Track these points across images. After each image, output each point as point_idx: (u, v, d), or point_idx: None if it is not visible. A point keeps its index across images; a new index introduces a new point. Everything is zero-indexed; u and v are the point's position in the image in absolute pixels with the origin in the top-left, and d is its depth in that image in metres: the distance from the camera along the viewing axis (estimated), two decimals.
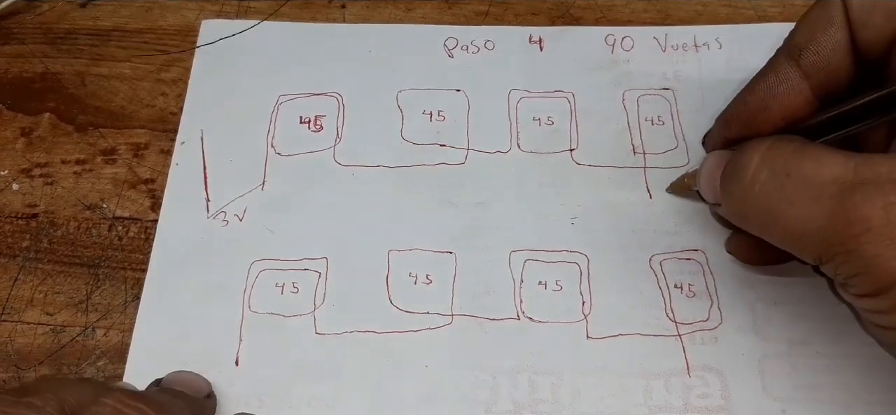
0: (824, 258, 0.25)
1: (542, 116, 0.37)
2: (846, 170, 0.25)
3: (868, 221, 0.24)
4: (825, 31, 0.28)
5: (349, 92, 0.38)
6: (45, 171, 0.36)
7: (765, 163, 0.27)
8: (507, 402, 0.30)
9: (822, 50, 0.28)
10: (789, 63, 0.28)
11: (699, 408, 0.30)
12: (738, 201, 0.28)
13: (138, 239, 0.34)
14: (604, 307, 0.32)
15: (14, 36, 0.40)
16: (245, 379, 0.31)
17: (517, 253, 0.33)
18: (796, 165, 0.26)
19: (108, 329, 0.32)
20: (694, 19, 0.40)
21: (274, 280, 0.33)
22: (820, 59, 0.28)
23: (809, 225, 0.25)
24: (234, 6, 0.41)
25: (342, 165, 0.36)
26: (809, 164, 0.25)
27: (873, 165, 0.24)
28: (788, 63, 0.28)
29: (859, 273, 0.25)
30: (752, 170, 0.27)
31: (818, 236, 0.25)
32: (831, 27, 0.28)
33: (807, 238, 0.26)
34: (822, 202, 0.25)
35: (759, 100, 0.29)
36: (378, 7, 0.41)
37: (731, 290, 0.33)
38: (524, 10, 0.41)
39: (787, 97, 0.28)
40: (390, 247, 0.34)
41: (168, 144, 0.37)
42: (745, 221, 0.28)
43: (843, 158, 0.25)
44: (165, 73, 0.39)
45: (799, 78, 0.28)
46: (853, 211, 0.24)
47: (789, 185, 0.26)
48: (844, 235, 0.24)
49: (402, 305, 0.32)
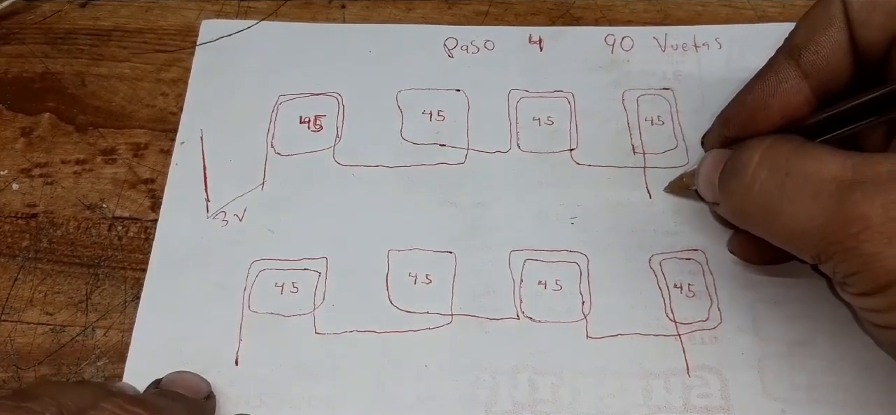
0: (823, 257, 0.26)
1: (542, 116, 0.37)
2: (845, 168, 0.25)
3: (867, 219, 0.24)
4: (825, 30, 0.28)
5: (349, 92, 0.38)
6: (45, 171, 0.36)
7: (764, 161, 0.27)
8: (507, 402, 0.30)
9: (822, 49, 0.28)
10: (789, 63, 0.28)
11: (699, 408, 0.30)
12: (738, 199, 0.28)
13: (138, 239, 0.34)
14: (604, 307, 0.32)
15: (14, 36, 0.40)
16: (245, 379, 0.31)
17: (517, 253, 0.33)
18: (796, 163, 0.26)
19: (108, 329, 0.32)
20: (694, 19, 0.40)
21: (274, 280, 0.33)
22: (820, 59, 0.28)
23: (808, 223, 0.25)
24: (234, 6, 0.41)
25: (342, 164, 0.36)
26: (809, 162, 0.26)
27: (873, 164, 0.24)
28: (788, 62, 0.28)
29: (858, 272, 0.25)
30: (751, 168, 0.27)
31: (817, 235, 0.25)
32: (831, 27, 0.28)
33: (806, 237, 0.26)
34: (821, 200, 0.25)
35: (759, 99, 0.29)
36: (378, 7, 0.41)
37: (730, 290, 0.33)
38: (524, 10, 0.41)
39: (786, 96, 0.28)
40: (390, 247, 0.34)
41: (168, 144, 0.37)
42: (744, 219, 0.28)
43: (843, 157, 0.25)
44: (165, 73, 0.39)
45: (798, 77, 0.28)
46: (852, 209, 0.24)
47: (789, 183, 0.26)
48: (843, 234, 0.24)
49: (401, 304, 0.32)
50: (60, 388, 0.26)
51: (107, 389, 0.27)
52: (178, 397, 0.29)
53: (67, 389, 0.26)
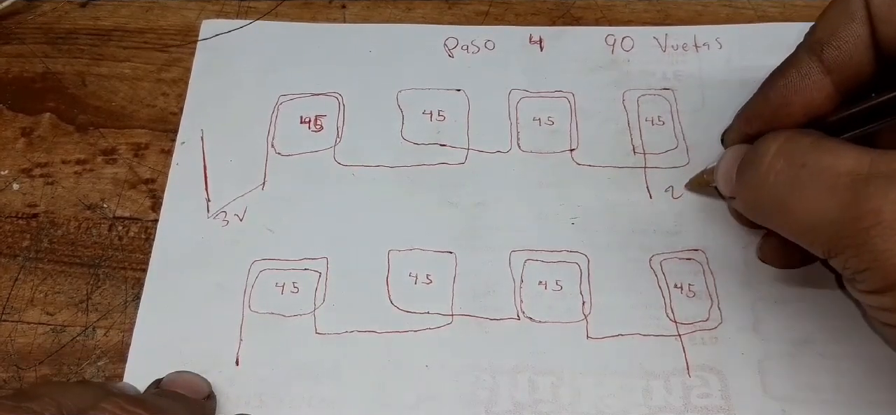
0: (834, 251, 0.25)
1: (542, 116, 0.37)
2: (861, 163, 0.25)
3: (879, 214, 0.24)
4: (847, 25, 0.27)
5: (349, 92, 0.38)
6: (46, 171, 0.36)
7: (781, 153, 0.27)
8: (507, 402, 0.30)
9: (845, 45, 0.27)
10: (811, 58, 0.28)
11: (699, 408, 0.30)
12: (753, 190, 0.28)
13: (138, 239, 0.34)
14: (604, 307, 0.32)
15: (14, 36, 0.40)
16: (245, 379, 0.31)
17: (517, 253, 0.34)
18: (813, 156, 0.26)
19: (109, 329, 0.32)
20: (694, 19, 0.40)
21: (274, 280, 0.33)
22: (842, 55, 0.27)
23: (822, 216, 0.25)
24: (234, 6, 0.41)
25: (342, 164, 0.36)
26: (826, 155, 0.25)
27: (889, 160, 0.24)
28: (810, 58, 0.28)
29: (868, 268, 0.24)
30: (768, 159, 0.27)
31: (830, 229, 0.25)
32: (853, 22, 0.27)
33: (818, 230, 0.25)
34: (835, 194, 0.25)
35: (781, 95, 0.28)
36: (378, 7, 0.41)
37: (731, 290, 0.33)
38: (524, 10, 0.41)
39: (809, 92, 0.28)
40: (390, 247, 0.34)
41: (168, 144, 0.37)
42: (758, 210, 0.28)
43: (860, 152, 0.25)
44: (165, 73, 0.39)
45: (821, 73, 0.28)
46: (865, 203, 0.24)
47: (804, 175, 0.26)
48: (855, 228, 0.24)
49: (402, 304, 0.32)
50: (61, 388, 0.26)
51: (107, 389, 0.27)
52: (178, 397, 0.29)
53: (68, 389, 0.26)
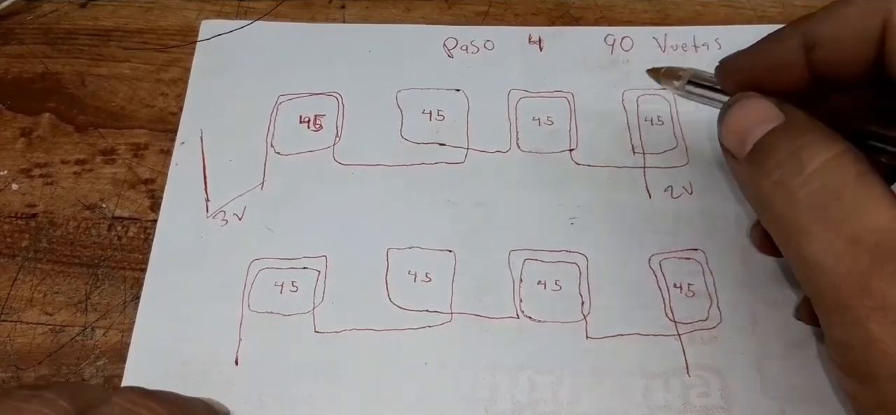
0: (824, 308, 0.23)
1: (541, 116, 0.37)
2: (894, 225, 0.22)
3: (885, 298, 0.21)
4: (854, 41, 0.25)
5: (349, 91, 0.38)
6: (45, 171, 0.36)
7: (823, 171, 0.23)
8: (507, 401, 0.30)
9: (843, 57, 0.25)
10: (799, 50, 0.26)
11: (698, 408, 0.30)
12: (772, 189, 0.24)
13: (138, 239, 0.34)
14: (603, 307, 0.32)
15: (14, 36, 0.40)
16: (245, 378, 0.31)
17: (516, 252, 0.33)
18: (852, 193, 0.23)
19: (108, 329, 0.32)
20: (694, 19, 0.40)
21: (273, 279, 0.33)
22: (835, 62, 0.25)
23: (831, 261, 0.22)
24: (233, 6, 0.41)
25: (342, 164, 0.36)
26: (863, 199, 0.23)
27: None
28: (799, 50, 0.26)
29: (854, 347, 0.22)
30: (807, 172, 0.23)
31: (834, 277, 0.22)
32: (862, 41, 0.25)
33: (821, 272, 0.23)
34: (854, 248, 0.22)
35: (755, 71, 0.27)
36: (378, 7, 0.41)
37: (730, 290, 0.33)
38: (524, 10, 0.41)
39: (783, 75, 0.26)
40: (390, 245, 0.34)
41: (168, 144, 0.37)
42: (766, 211, 0.25)
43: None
44: (165, 73, 0.39)
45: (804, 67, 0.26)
46: (878, 279, 0.21)
47: (834, 210, 0.23)
48: (856, 297, 0.22)
49: (401, 303, 0.32)
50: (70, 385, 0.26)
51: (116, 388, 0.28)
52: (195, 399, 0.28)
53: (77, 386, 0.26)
